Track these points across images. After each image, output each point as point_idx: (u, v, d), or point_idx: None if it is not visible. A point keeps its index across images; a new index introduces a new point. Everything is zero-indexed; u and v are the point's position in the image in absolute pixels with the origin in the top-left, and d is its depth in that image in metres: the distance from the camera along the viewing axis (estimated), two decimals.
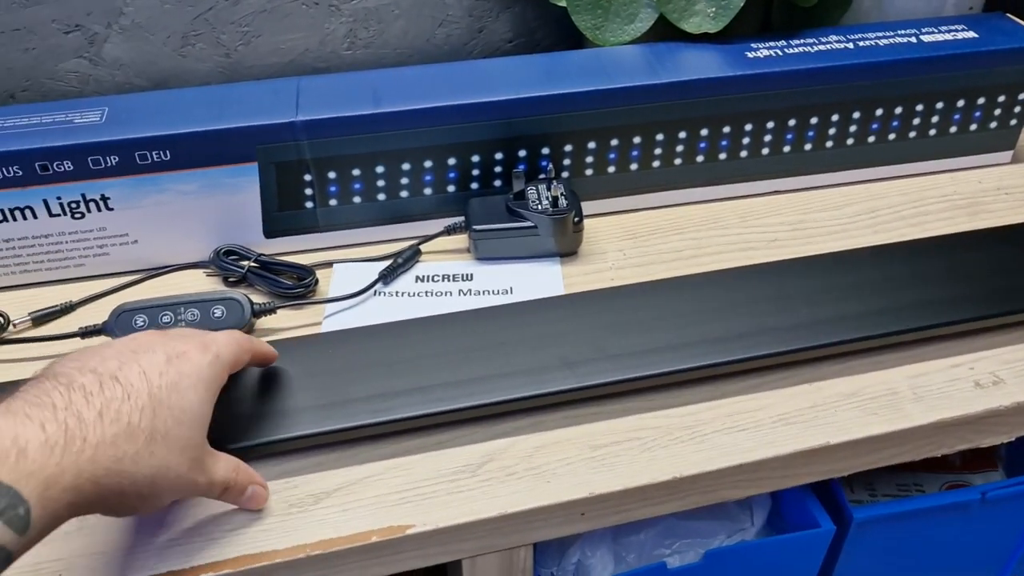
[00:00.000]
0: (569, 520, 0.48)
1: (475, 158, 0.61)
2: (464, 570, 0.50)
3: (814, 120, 0.65)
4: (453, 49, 0.77)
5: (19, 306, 0.57)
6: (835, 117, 0.65)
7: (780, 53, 0.63)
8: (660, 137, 0.63)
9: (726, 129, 0.64)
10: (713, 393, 0.52)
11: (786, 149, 0.66)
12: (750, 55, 0.63)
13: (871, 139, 0.67)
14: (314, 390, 0.50)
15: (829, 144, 0.66)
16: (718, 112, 0.63)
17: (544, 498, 0.46)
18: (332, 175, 0.60)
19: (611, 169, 0.64)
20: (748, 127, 0.64)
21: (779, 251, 0.62)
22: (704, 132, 0.64)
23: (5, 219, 0.56)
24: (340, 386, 0.50)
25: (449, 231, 0.61)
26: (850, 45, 0.64)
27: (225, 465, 0.43)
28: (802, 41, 0.65)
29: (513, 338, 0.52)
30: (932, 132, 0.68)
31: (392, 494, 0.47)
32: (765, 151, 0.66)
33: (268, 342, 0.51)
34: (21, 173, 0.55)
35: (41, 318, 0.57)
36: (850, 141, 0.67)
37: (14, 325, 0.56)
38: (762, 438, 0.50)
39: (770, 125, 0.64)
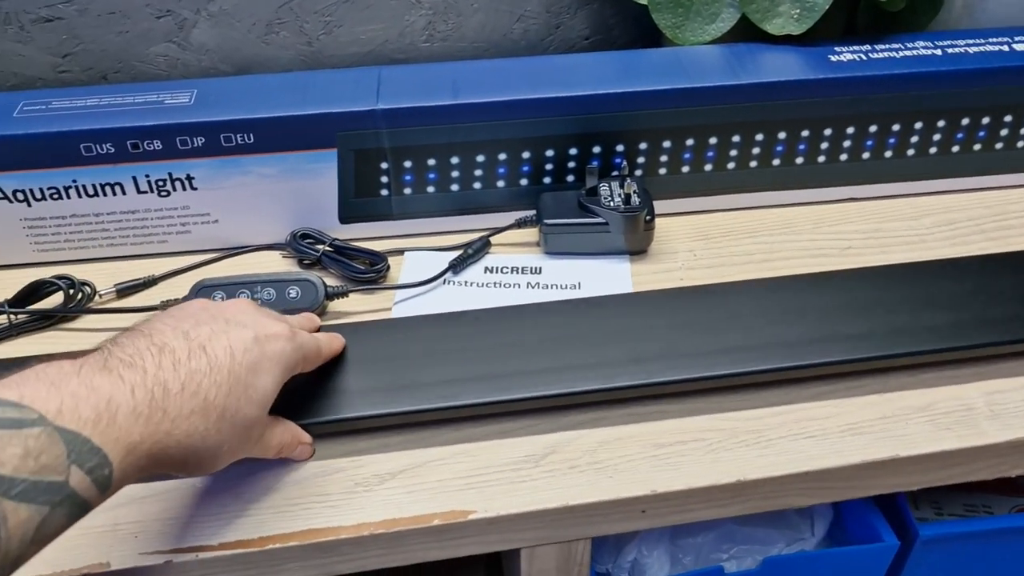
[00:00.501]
0: (629, 517, 0.48)
1: (549, 152, 0.61)
2: (522, 559, 0.50)
3: (896, 127, 0.63)
4: (530, 44, 0.77)
5: (105, 277, 0.59)
6: (918, 125, 0.64)
7: (864, 57, 0.62)
8: (736, 139, 0.62)
9: (804, 133, 0.63)
10: (781, 398, 0.52)
11: (865, 156, 0.65)
12: (833, 59, 0.62)
13: (955, 148, 0.65)
14: (382, 372, 0.51)
15: (910, 152, 0.65)
16: (797, 115, 0.62)
17: (605, 493, 0.47)
18: (408, 164, 0.61)
19: (685, 169, 0.63)
20: (827, 132, 0.63)
21: (853, 259, 0.61)
22: (782, 135, 0.63)
23: (96, 194, 0.59)
24: (408, 370, 0.51)
25: (520, 224, 0.62)
26: (938, 52, 0.63)
27: (280, 433, 0.45)
28: (888, 46, 0.64)
29: (581, 332, 0.52)
30: (1020, 144, 0.66)
31: (455, 479, 0.47)
32: (843, 157, 0.64)
33: (339, 325, 0.53)
34: (113, 150, 0.57)
35: (125, 290, 0.59)
36: (932, 150, 0.65)
37: (100, 295, 0.58)
38: (829, 447, 0.49)
39: (850, 131, 0.63)
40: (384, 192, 0.62)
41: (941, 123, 0.64)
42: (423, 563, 0.48)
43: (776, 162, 0.64)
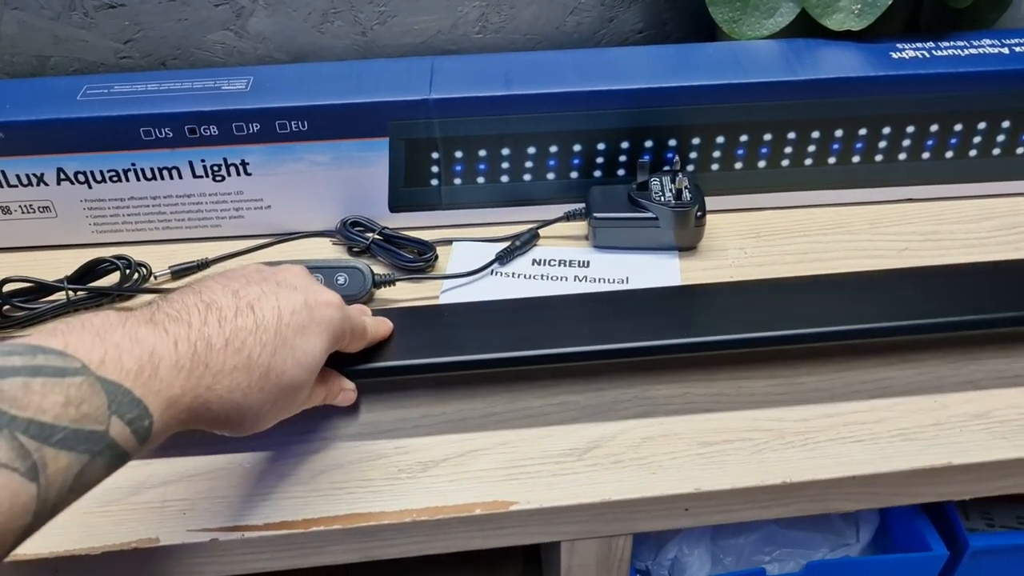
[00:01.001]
0: (672, 514, 0.47)
1: (600, 146, 0.61)
2: (562, 553, 0.50)
3: (958, 127, 0.62)
4: (582, 37, 0.77)
5: (159, 259, 0.61)
6: (982, 125, 0.62)
7: (927, 55, 0.61)
8: (792, 136, 0.61)
9: (862, 131, 0.62)
10: (830, 401, 0.51)
11: (925, 156, 0.63)
12: (895, 55, 0.61)
13: (1019, 150, 0.63)
14: (427, 335, 0.51)
15: (972, 153, 0.63)
16: (856, 113, 0.61)
17: (649, 489, 0.46)
18: (459, 154, 0.61)
19: (738, 165, 0.63)
20: (886, 131, 0.62)
21: (909, 261, 0.60)
22: (839, 133, 0.62)
23: (154, 178, 0.60)
24: (452, 338, 0.51)
25: (569, 217, 0.62)
26: (1005, 50, 0.61)
27: (322, 391, 0.46)
28: (952, 43, 0.62)
29: (630, 309, 0.52)
30: None
31: (498, 469, 0.48)
32: (902, 156, 0.63)
33: (386, 309, 0.53)
34: (171, 135, 0.58)
35: (179, 272, 0.60)
36: (996, 151, 0.63)
37: (155, 276, 0.60)
38: (878, 451, 0.48)
39: (910, 130, 0.62)
40: (434, 182, 0.62)
41: (1006, 124, 0.62)
42: (463, 552, 0.48)
43: (832, 160, 0.63)
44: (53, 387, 0.31)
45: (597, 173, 0.63)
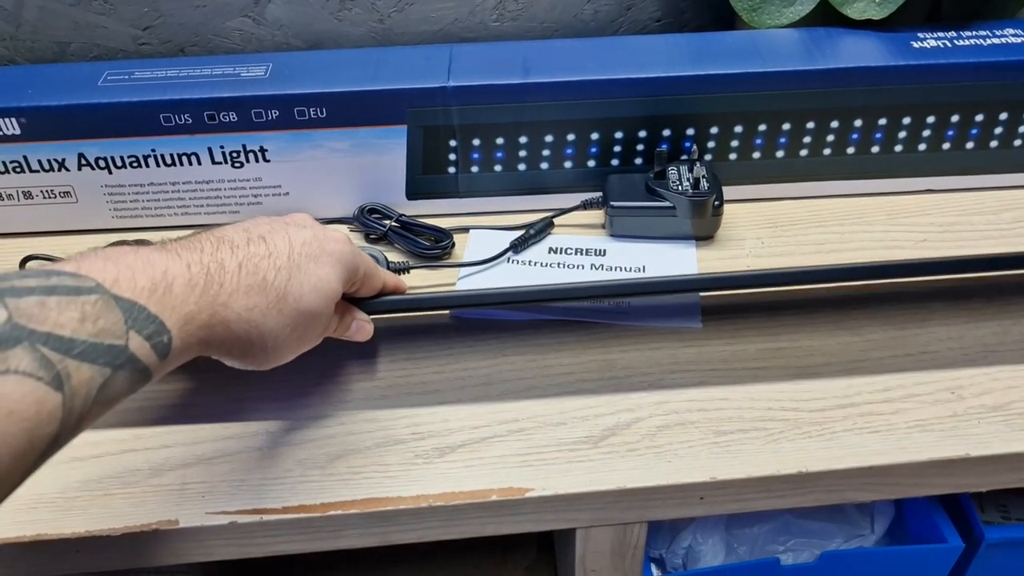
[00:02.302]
0: (687, 503, 0.47)
1: (618, 134, 0.61)
2: (577, 540, 0.51)
3: (979, 118, 0.61)
4: (600, 25, 0.76)
5: None
6: (1003, 116, 0.61)
7: (949, 45, 0.60)
8: (811, 125, 0.61)
9: (882, 121, 0.61)
10: (846, 391, 0.51)
11: (945, 147, 0.63)
12: (916, 45, 0.60)
13: None
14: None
15: (993, 144, 0.63)
16: (876, 103, 0.60)
17: (664, 477, 0.46)
18: (476, 142, 0.61)
19: (756, 155, 0.62)
20: (906, 121, 0.61)
21: (927, 252, 0.59)
22: (858, 123, 0.61)
23: (173, 163, 0.60)
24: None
25: (586, 206, 0.62)
26: None
27: (340, 320, 0.46)
28: (974, 33, 0.61)
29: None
30: None
31: (513, 456, 0.48)
32: (921, 147, 0.63)
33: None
34: (191, 121, 0.58)
35: None
36: (1017, 143, 0.63)
37: None
38: (895, 442, 0.48)
39: (930, 120, 0.61)
40: (451, 170, 0.62)
41: None
42: (477, 539, 0.48)
43: (851, 150, 0.63)
44: (68, 304, 0.32)
45: (614, 162, 0.62)
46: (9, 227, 0.63)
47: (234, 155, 0.60)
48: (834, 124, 0.61)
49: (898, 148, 0.63)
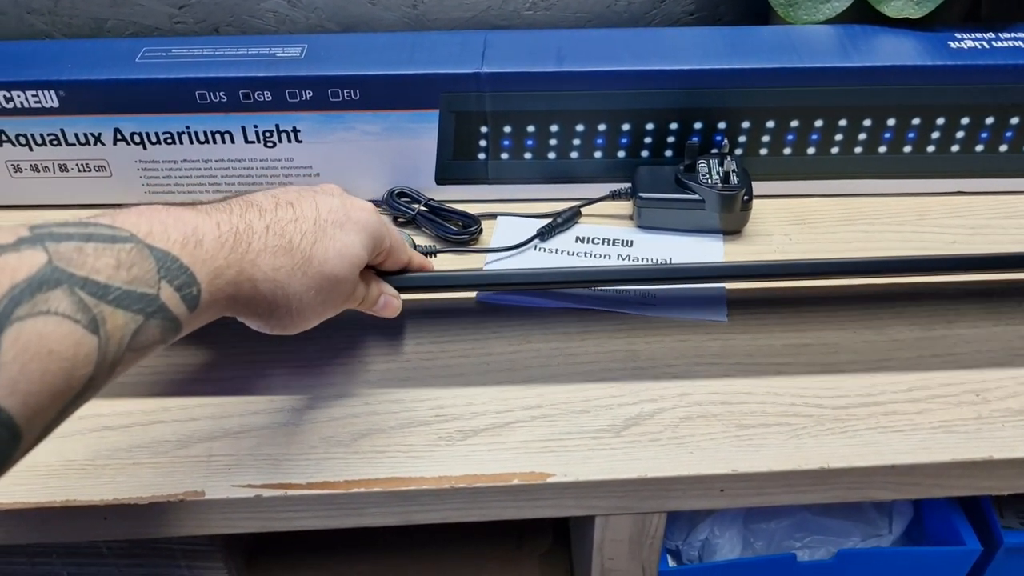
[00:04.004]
0: (707, 494, 0.48)
1: (649, 126, 0.61)
2: (596, 527, 0.51)
3: (1015, 120, 0.61)
4: (633, 17, 0.76)
5: None
6: None
7: (987, 46, 0.60)
8: (843, 123, 0.61)
9: (915, 121, 0.61)
10: (870, 390, 0.51)
11: (978, 148, 0.62)
12: (953, 45, 0.60)
13: None
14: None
15: None
16: (910, 103, 0.60)
17: (685, 468, 0.47)
18: (507, 129, 0.61)
19: (787, 151, 0.62)
20: (940, 121, 0.61)
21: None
22: (891, 122, 0.61)
23: (207, 141, 0.61)
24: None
25: (614, 196, 0.62)
26: None
27: (363, 290, 0.46)
28: (1013, 35, 0.61)
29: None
30: None
31: (536, 441, 0.48)
32: (955, 148, 0.62)
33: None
34: (226, 99, 0.59)
35: None
36: None
37: None
38: (919, 442, 0.48)
39: (964, 121, 0.61)
40: (481, 156, 0.62)
41: None
42: (493, 525, 0.49)
43: (882, 149, 0.62)
44: (104, 251, 0.33)
45: (644, 153, 0.62)
46: (44, 199, 0.64)
47: (267, 134, 0.61)
48: (867, 122, 0.61)
49: (931, 148, 0.62)
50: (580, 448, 0.48)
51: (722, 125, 0.61)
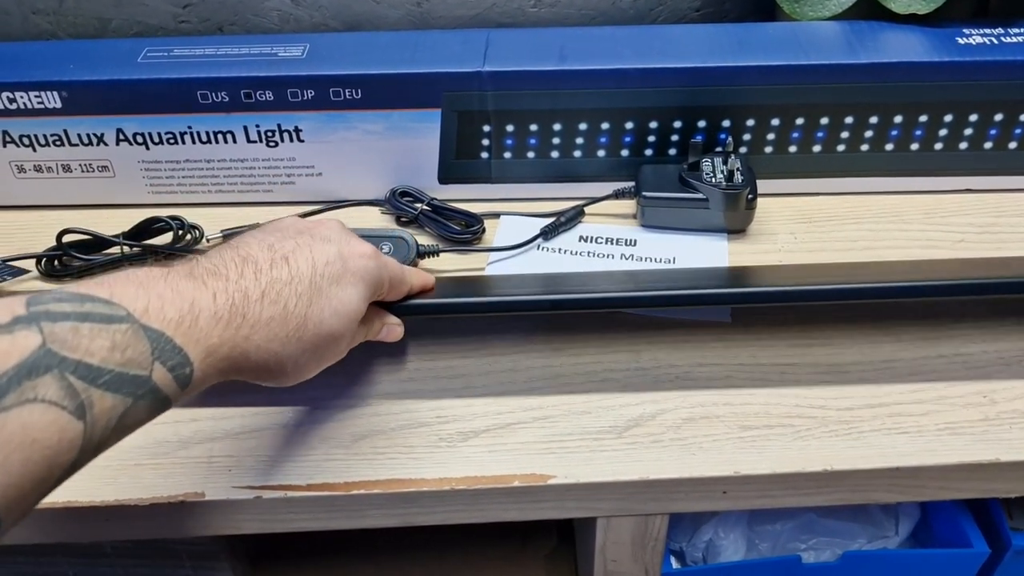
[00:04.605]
0: (710, 496, 0.47)
1: (653, 124, 0.60)
2: (598, 529, 0.51)
3: None
4: (638, 14, 0.76)
5: (211, 221, 0.62)
6: None
7: (996, 41, 0.59)
8: (849, 120, 0.60)
9: (923, 118, 0.60)
10: (875, 392, 0.50)
11: (987, 146, 0.61)
12: (961, 41, 0.59)
13: None
14: (470, 293, 0.52)
15: None
16: (917, 99, 0.59)
17: (688, 470, 0.46)
18: (510, 128, 0.61)
19: (792, 149, 0.62)
20: (948, 118, 0.60)
21: (964, 253, 0.59)
22: (898, 119, 0.60)
23: (209, 141, 0.61)
24: (495, 290, 0.52)
25: (618, 195, 0.61)
26: None
27: (363, 331, 0.46)
28: (1022, 30, 0.60)
29: (676, 280, 0.53)
30: None
31: (537, 443, 0.48)
32: (963, 146, 0.61)
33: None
34: (227, 99, 0.59)
35: (230, 235, 0.61)
36: None
37: (207, 239, 0.61)
38: (924, 444, 0.47)
39: (973, 118, 0.60)
40: (484, 155, 0.62)
41: None
42: (497, 525, 0.49)
43: (889, 147, 0.62)
44: (100, 332, 0.32)
45: (648, 152, 0.62)
46: (48, 199, 0.64)
47: (269, 134, 0.61)
48: (873, 120, 0.60)
49: (938, 146, 0.62)
50: (581, 449, 0.47)
51: (726, 123, 0.60)
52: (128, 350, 0.33)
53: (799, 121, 0.60)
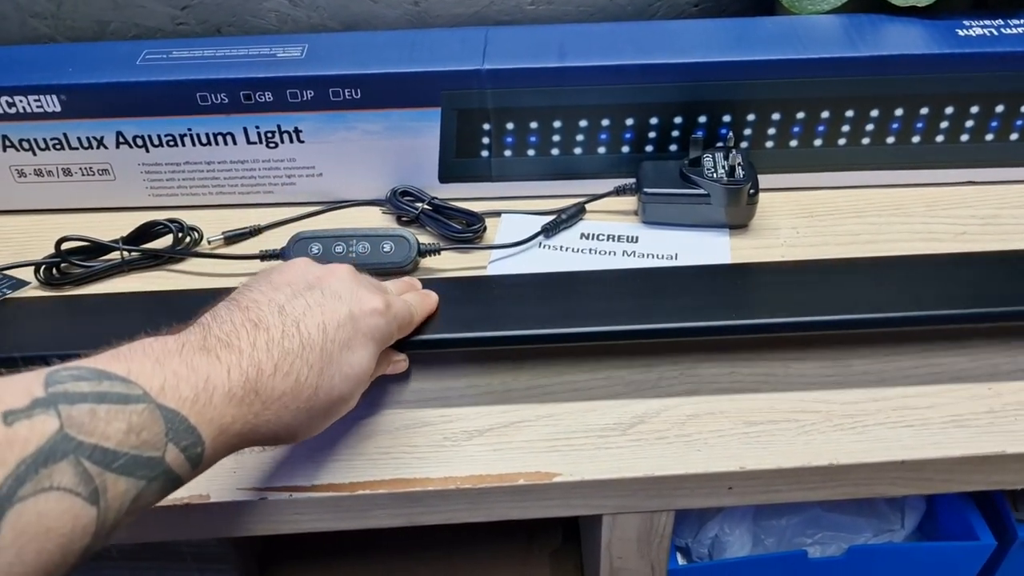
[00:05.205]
0: (715, 492, 0.47)
1: (653, 120, 0.60)
2: (603, 526, 0.50)
3: None
4: (637, 10, 0.76)
5: (212, 223, 0.62)
6: None
7: (995, 33, 0.59)
8: (850, 114, 0.60)
9: (924, 111, 0.60)
10: (880, 385, 0.50)
11: (988, 137, 0.61)
12: (961, 33, 0.59)
13: None
14: (474, 309, 0.51)
15: None
16: (918, 92, 0.59)
17: (693, 466, 0.46)
18: (510, 126, 0.60)
19: (793, 143, 0.61)
20: (949, 111, 0.60)
21: (967, 245, 0.58)
22: (899, 112, 0.60)
23: (209, 143, 0.61)
24: (499, 311, 0.51)
25: (619, 192, 0.61)
26: None
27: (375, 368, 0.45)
28: (1022, 21, 0.60)
29: (678, 288, 0.52)
30: None
31: (541, 441, 0.48)
32: (964, 138, 0.61)
33: (433, 279, 0.53)
34: (227, 101, 0.59)
35: (232, 237, 0.61)
36: None
37: (208, 241, 0.61)
38: (929, 437, 0.47)
39: (974, 110, 0.60)
40: (484, 153, 0.62)
41: None
42: (502, 523, 0.48)
43: (890, 140, 0.61)
44: (117, 414, 0.32)
45: (649, 148, 0.62)
46: (48, 204, 0.64)
47: (269, 135, 0.60)
48: (874, 113, 0.60)
49: (939, 138, 0.61)
50: (586, 447, 0.47)
51: (727, 118, 0.60)
52: (143, 432, 0.33)
53: (800, 115, 0.60)
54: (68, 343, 0.49)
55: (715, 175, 0.58)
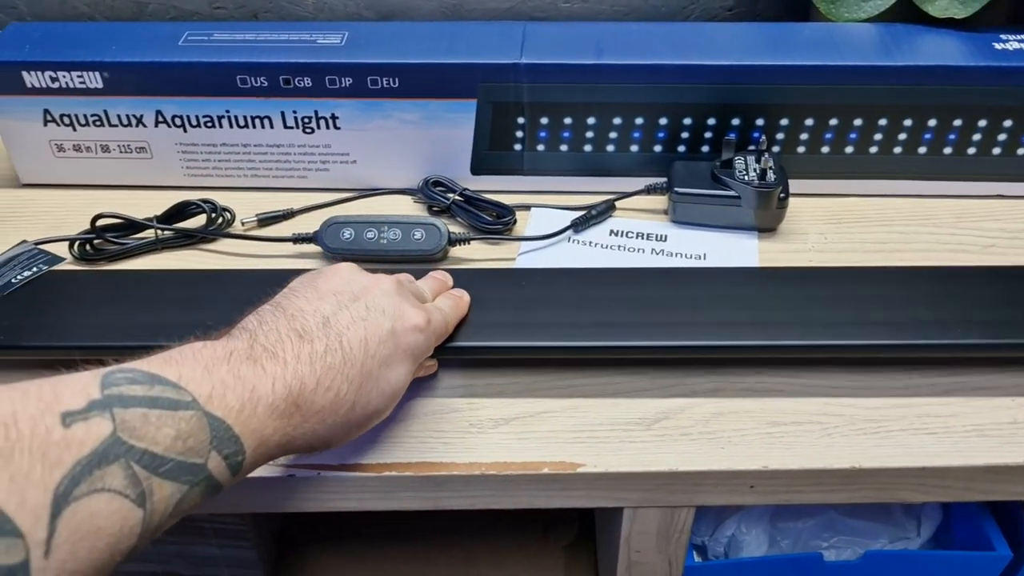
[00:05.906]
0: (737, 490, 0.48)
1: (687, 121, 0.61)
2: (624, 519, 0.51)
3: None
4: (671, 11, 0.76)
5: (245, 206, 0.62)
6: None
7: None
8: (883, 122, 0.60)
9: (957, 122, 0.60)
10: (904, 391, 0.50)
11: (1020, 151, 0.61)
12: (998, 46, 0.59)
13: None
14: (502, 312, 0.51)
15: None
16: (952, 103, 0.59)
17: (716, 463, 0.47)
18: (544, 121, 0.61)
19: (825, 149, 0.62)
20: (982, 123, 0.60)
21: (994, 258, 0.59)
22: (932, 123, 0.60)
23: (246, 126, 0.61)
24: (527, 312, 0.51)
25: (650, 190, 0.62)
26: None
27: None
28: None
29: (705, 296, 0.52)
30: None
31: (566, 432, 0.48)
32: (996, 151, 0.62)
33: (464, 269, 0.54)
34: (266, 84, 0.59)
35: (266, 220, 0.62)
36: None
37: (242, 223, 0.61)
38: (952, 445, 0.47)
39: (1007, 124, 0.60)
40: (517, 147, 0.62)
41: None
42: (519, 515, 0.49)
43: (922, 150, 0.62)
44: (167, 419, 0.33)
45: (680, 148, 0.62)
46: (85, 179, 0.65)
47: (306, 120, 0.61)
48: (907, 122, 0.60)
49: (971, 150, 0.62)
50: (611, 440, 0.48)
51: (760, 122, 0.61)
52: (190, 439, 0.34)
53: (833, 122, 0.60)
54: (108, 326, 0.50)
55: (746, 177, 0.58)
